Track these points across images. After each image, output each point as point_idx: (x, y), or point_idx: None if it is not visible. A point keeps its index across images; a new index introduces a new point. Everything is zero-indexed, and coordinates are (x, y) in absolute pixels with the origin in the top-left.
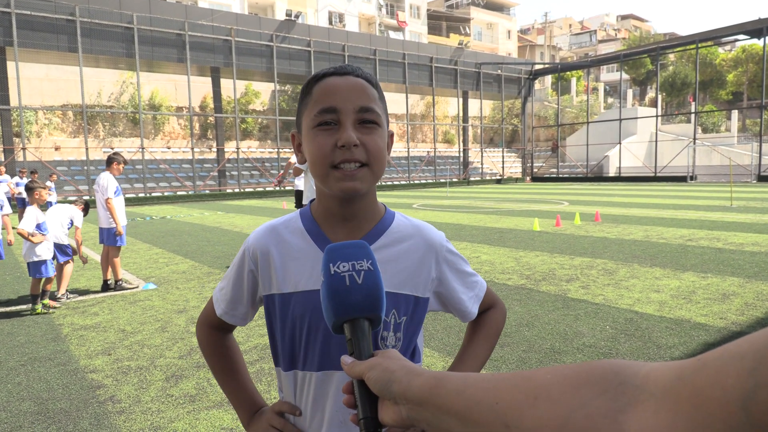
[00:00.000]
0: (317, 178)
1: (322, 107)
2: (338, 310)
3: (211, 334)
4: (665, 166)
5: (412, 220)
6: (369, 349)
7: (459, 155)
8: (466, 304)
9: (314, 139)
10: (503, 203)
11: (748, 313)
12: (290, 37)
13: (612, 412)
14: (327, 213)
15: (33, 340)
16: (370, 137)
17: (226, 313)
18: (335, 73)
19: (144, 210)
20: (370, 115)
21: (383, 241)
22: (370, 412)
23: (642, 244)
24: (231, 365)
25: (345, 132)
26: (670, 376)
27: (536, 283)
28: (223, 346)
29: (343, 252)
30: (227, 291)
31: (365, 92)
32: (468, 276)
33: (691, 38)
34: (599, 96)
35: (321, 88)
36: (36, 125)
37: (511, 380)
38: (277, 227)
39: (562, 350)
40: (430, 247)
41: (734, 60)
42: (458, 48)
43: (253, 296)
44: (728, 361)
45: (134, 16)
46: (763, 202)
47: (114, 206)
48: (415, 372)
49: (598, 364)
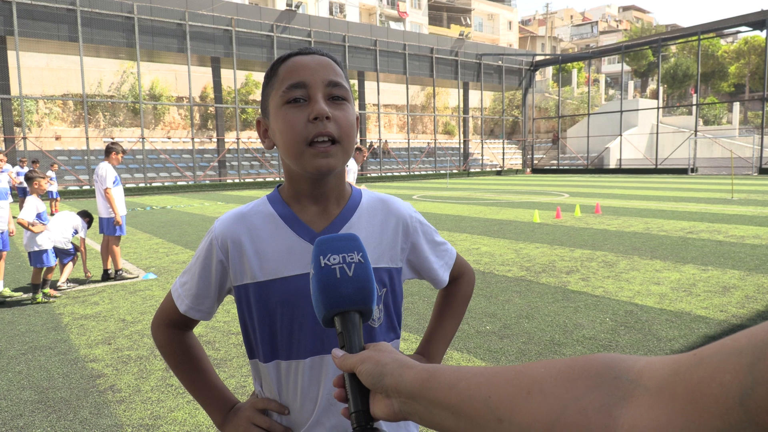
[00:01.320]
0: (290, 157)
1: (291, 83)
2: (329, 303)
3: (172, 334)
4: (666, 158)
5: (378, 195)
6: (360, 342)
7: (459, 146)
8: (437, 272)
9: (285, 117)
10: (503, 195)
11: (749, 306)
12: (291, 27)
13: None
14: (298, 194)
15: (33, 329)
16: (341, 112)
17: (191, 308)
18: (300, 53)
19: (144, 200)
20: (339, 91)
21: (356, 218)
22: (362, 405)
23: (642, 237)
24: (196, 364)
25: (317, 104)
26: (666, 371)
27: (536, 275)
28: (185, 345)
29: (333, 244)
30: (191, 286)
31: (332, 68)
32: (438, 245)
33: (693, 30)
34: (600, 87)
35: (287, 66)
36: (36, 115)
37: (504, 374)
38: (246, 214)
39: (561, 342)
40: (399, 219)
41: (736, 52)
42: (459, 39)
43: (221, 288)
44: (726, 357)
45: (135, 5)
46: (764, 194)
47: (113, 196)
48: (407, 365)
49: (593, 359)
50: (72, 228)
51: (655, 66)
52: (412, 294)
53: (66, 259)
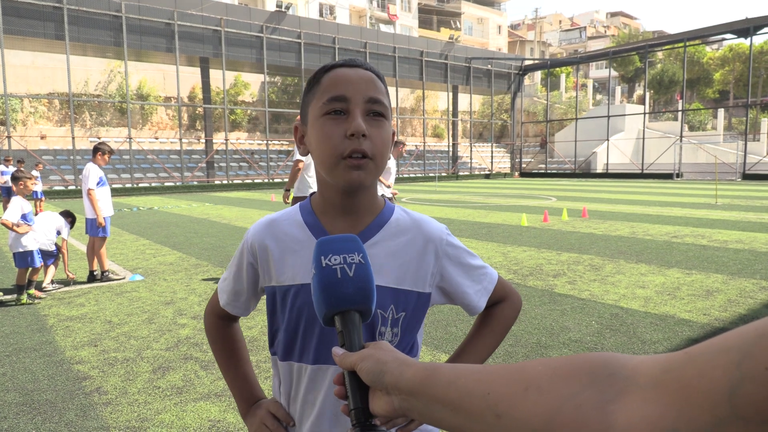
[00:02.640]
0: (323, 167)
1: (332, 95)
2: (329, 302)
3: (217, 323)
4: (652, 163)
5: (411, 214)
6: (360, 341)
7: (448, 149)
8: (471, 298)
9: (322, 128)
10: (492, 198)
11: (731, 309)
12: (280, 28)
13: (601, 403)
14: (327, 205)
15: (18, 330)
16: (378, 131)
17: (228, 303)
18: (345, 65)
19: (131, 201)
20: (378, 107)
21: (382, 235)
22: (361, 402)
23: (628, 241)
24: (234, 354)
25: (354, 120)
26: (659, 369)
27: (523, 278)
28: (227, 335)
29: (334, 245)
30: (229, 282)
31: (375, 84)
32: (474, 269)
33: (680, 36)
34: (588, 92)
35: (330, 78)
36: (22, 113)
37: (503, 371)
38: (276, 220)
39: (548, 345)
40: (429, 241)
41: (721, 59)
42: (449, 42)
43: (254, 288)
44: (715, 354)
45: (122, 4)
46: (747, 200)
47: (95, 197)
48: (407, 363)
49: (588, 357)
50: (55, 228)
51: (642, 72)
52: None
53: (49, 261)
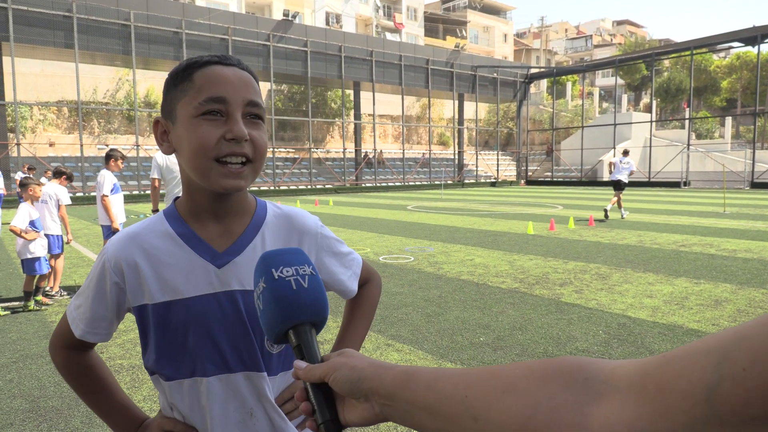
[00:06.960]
0: (195, 170)
1: (210, 96)
2: (286, 316)
3: (70, 356)
4: (659, 171)
5: (283, 209)
6: (318, 353)
7: (454, 157)
8: (345, 284)
9: (197, 129)
10: (498, 206)
11: (740, 319)
12: (287, 37)
13: (578, 405)
14: (197, 210)
15: (25, 337)
16: (258, 133)
17: (86, 332)
18: (219, 62)
19: (138, 208)
20: (257, 110)
21: (260, 238)
22: (329, 414)
23: (635, 249)
24: (100, 383)
25: (236, 125)
26: (636, 372)
27: (530, 286)
28: (86, 366)
29: (283, 257)
30: (85, 309)
31: (253, 86)
32: (344, 255)
33: (686, 44)
34: (594, 101)
35: (205, 75)
36: (31, 121)
37: (481, 375)
38: (139, 234)
39: (555, 354)
40: (304, 234)
41: (728, 67)
42: (454, 50)
43: (118, 309)
44: (694, 356)
45: (131, 13)
46: (755, 208)
47: (110, 203)
48: (383, 366)
49: (565, 360)
50: (55, 200)
51: (649, 80)
52: (406, 305)
53: (56, 250)
